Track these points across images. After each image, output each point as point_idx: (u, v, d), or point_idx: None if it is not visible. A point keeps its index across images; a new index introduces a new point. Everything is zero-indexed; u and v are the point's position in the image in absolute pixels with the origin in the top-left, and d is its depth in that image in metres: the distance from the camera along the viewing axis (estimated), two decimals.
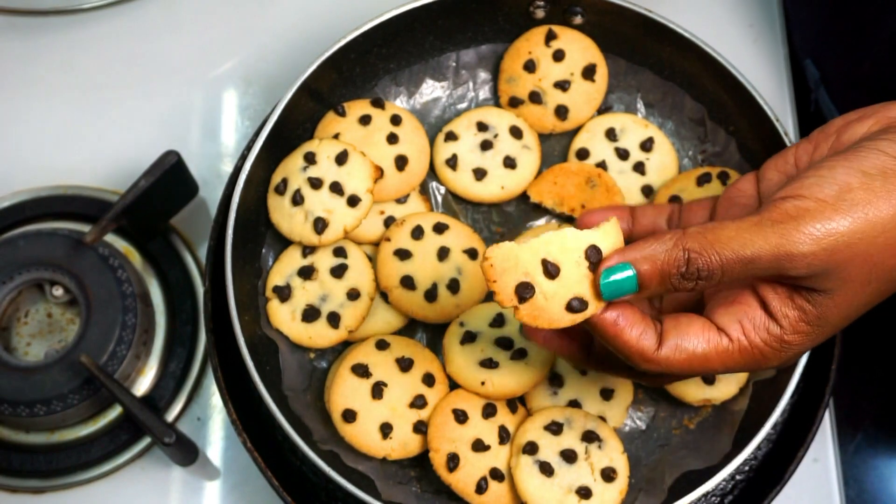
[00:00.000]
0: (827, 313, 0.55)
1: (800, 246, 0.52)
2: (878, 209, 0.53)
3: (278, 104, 0.78)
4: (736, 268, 0.53)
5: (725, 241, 0.53)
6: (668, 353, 0.56)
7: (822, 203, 0.53)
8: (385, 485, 0.75)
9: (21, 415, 0.81)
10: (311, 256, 0.79)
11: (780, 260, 0.53)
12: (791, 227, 0.53)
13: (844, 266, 0.53)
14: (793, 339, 0.55)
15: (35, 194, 0.92)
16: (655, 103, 0.85)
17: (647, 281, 0.55)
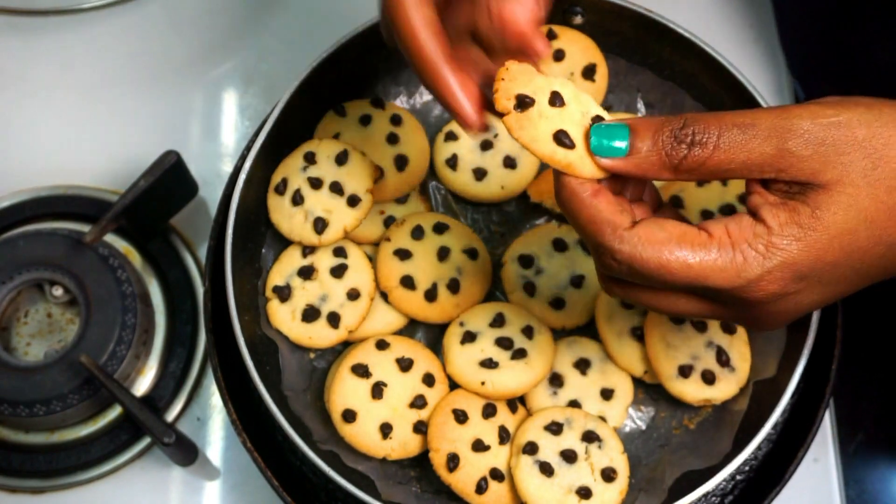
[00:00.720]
0: (822, 213, 0.50)
1: (799, 120, 0.50)
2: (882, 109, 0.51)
3: (278, 104, 0.78)
4: (732, 132, 0.50)
5: (725, 114, 0.51)
6: (639, 232, 0.51)
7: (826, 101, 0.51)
8: (385, 485, 0.75)
9: (21, 415, 0.81)
10: (311, 256, 0.79)
11: (779, 130, 0.50)
12: (793, 105, 0.51)
13: (843, 151, 0.49)
14: (779, 241, 0.50)
15: (35, 194, 0.92)
16: (655, 103, 0.85)
17: (640, 134, 0.52)
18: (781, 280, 0.51)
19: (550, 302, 0.78)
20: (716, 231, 0.51)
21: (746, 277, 0.51)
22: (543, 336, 0.76)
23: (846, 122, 0.50)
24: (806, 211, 0.50)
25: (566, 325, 0.78)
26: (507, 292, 0.79)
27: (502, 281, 0.80)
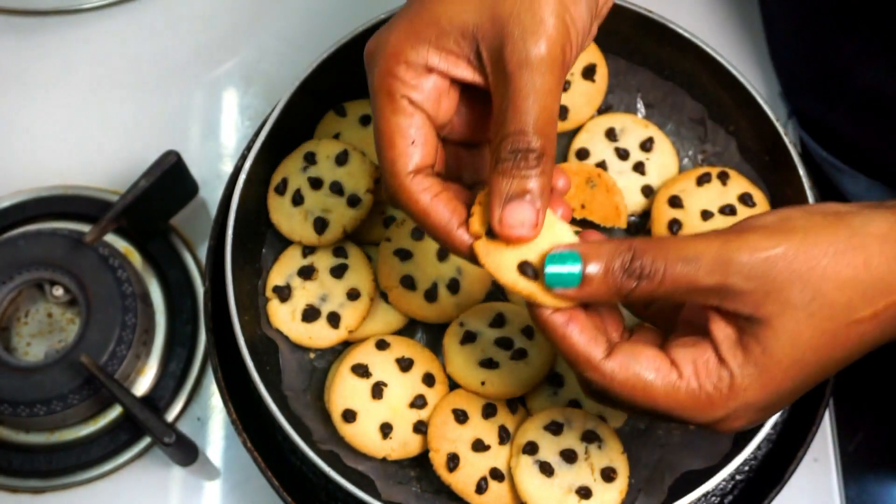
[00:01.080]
0: (771, 348, 0.53)
1: (739, 254, 0.52)
2: (818, 235, 0.53)
3: (278, 104, 0.78)
4: (677, 266, 0.53)
5: (671, 245, 0.54)
6: (613, 367, 0.55)
7: (764, 227, 0.54)
8: (385, 485, 0.75)
9: (21, 415, 0.81)
10: (311, 256, 0.79)
11: (720, 265, 0.52)
12: (733, 237, 0.53)
13: (783, 286, 0.52)
14: (741, 382, 0.54)
15: (35, 194, 0.92)
16: (655, 103, 0.85)
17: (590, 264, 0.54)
18: (744, 416, 0.55)
19: None
20: (685, 371, 0.54)
21: (712, 417, 0.55)
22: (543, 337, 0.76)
23: (783, 255, 0.52)
24: (758, 349, 0.53)
25: None
26: (508, 292, 0.79)
27: None
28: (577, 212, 0.80)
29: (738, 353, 0.54)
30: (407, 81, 0.56)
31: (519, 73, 0.54)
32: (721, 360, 0.54)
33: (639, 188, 0.82)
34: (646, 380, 0.54)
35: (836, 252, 0.53)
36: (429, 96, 0.57)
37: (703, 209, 0.79)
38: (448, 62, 0.56)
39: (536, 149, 0.54)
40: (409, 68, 0.56)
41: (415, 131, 0.56)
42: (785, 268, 0.52)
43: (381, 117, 0.57)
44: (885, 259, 0.53)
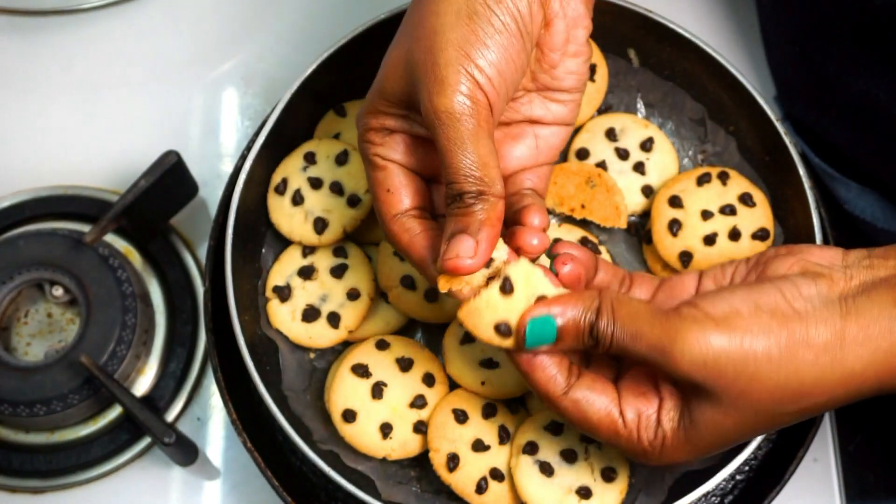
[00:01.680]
0: (699, 426, 0.59)
1: (675, 345, 0.57)
2: (755, 341, 0.57)
3: (278, 104, 0.78)
4: (620, 341, 0.58)
5: (626, 317, 0.58)
6: (567, 405, 0.61)
7: (707, 317, 0.58)
8: (385, 485, 0.75)
9: (21, 415, 0.81)
10: (311, 256, 0.79)
11: (657, 351, 0.58)
12: (675, 326, 0.58)
13: (711, 382, 0.58)
14: (671, 445, 0.60)
15: (35, 194, 0.92)
16: (655, 103, 0.85)
17: (565, 333, 0.60)
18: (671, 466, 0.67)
19: None
20: (629, 418, 0.61)
21: (644, 460, 0.62)
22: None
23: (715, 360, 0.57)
24: (687, 421, 0.60)
25: None
26: None
27: None
28: (577, 212, 0.80)
29: (675, 418, 0.60)
30: (376, 142, 0.64)
31: (435, 128, 0.59)
32: (659, 421, 0.60)
33: (639, 188, 0.82)
34: (593, 422, 0.61)
35: (770, 360, 0.57)
36: (397, 150, 0.64)
37: (703, 209, 0.79)
38: (401, 123, 0.64)
39: (471, 191, 0.59)
40: (375, 133, 0.64)
41: (389, 181, 0.64)
42: (714, 366, 0.57)
43: (366, 173, 0.65)
44: (818, 369, 0.57)
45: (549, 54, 0.66)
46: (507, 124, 0.69)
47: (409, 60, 0.61)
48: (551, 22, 0.65)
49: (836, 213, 0.88)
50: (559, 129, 0.69)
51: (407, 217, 0.64)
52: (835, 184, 0.89)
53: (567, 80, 0.67)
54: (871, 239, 0.88)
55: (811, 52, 0.86)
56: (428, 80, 0.59)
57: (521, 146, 0.69)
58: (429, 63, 0.59)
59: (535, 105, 0.68)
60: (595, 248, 0.79)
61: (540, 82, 0.67)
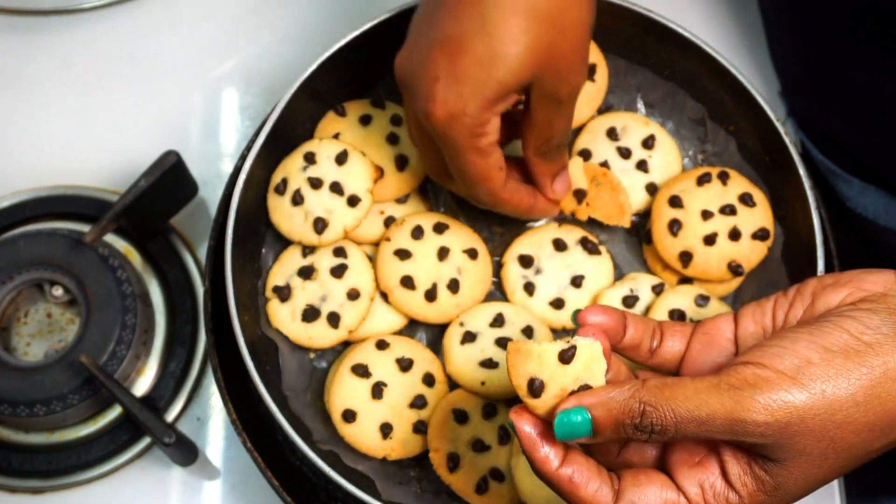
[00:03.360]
0: (784, 484, 0.55)
1: (754, 414, 0.53)
2: (836, 386, 0.53)
3: (278, 104, 0.78)
4: (690, 427, 0.54)
5: (682, 400, 0.54)
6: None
7: (780, 374, 0.53)
8: (385, 485, 0.75)
9: (21, 415, 0.81)
10: (311, 256, 0.79)
11: (734, 425, 0.53)
12: (747, 394, 0.53)
13: (799, 439, 0.53)
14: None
15: (35, 194, 0.92)
16: (655, 103, 0.85)
17: (602, 427, 0.55)
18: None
19: (550, 302, 0.78)
20: (693, 495, 0.55)
21: None
22: (543, 336, 0.76)
23: (800, 417, 0.53)
24: (770, 482, 0.55)
25: (566, 325, 0.78)
26: (507, 292, 0.79)
27: (502, 281, 0.80)
28: (581, 210, 0.80)
29: (749, 482, 0.55)
30: (488, 133, 0.68)
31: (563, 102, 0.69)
32: (729, 485, 0.55)
33: (643, 186, 0.82)
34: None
35: (856, 404, 0.53)
36: (496, 132, 0.69)
37: (703, 209, 0.79)
38: (507, 104, 0.68)
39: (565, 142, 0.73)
40: (486, 124, 0.67)
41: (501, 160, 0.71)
42: (801, 426, 0.53)
43: (471, 165, 0.69)
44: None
45: None
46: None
47: (555, 53, 0.66)
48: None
49: (837, 212, 0.88)
50: None
51: (511, 181, 0.73)
52: (837, 181, 0.89)
53: None
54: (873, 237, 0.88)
55: (816, 47, 0.85)
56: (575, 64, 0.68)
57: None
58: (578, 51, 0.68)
59: None
60: (595, 248, 0.79)
61: None
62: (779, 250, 0.80)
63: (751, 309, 0.62)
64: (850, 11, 0.80)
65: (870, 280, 0.58)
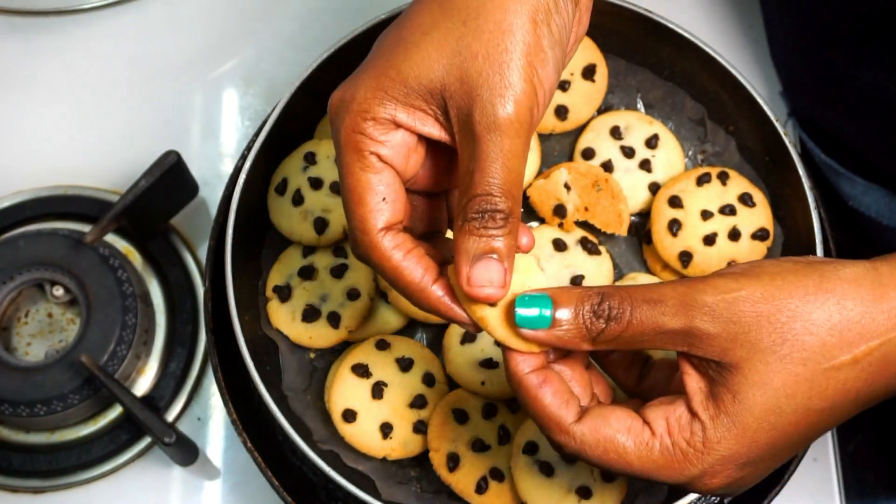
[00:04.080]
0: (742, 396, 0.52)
1: (703, 295, 0.52)
2: (785, 279, 0.52)
3: (278, 104, 0.78)
4: (643, 308, 0.53)
5: (637, 289, 0.54)
6: (584, 430, 0.54)
7: (732, 272, 0.53)
8: (385, 485, 0.75)
9: (21, 415, 0.81)
10: (311, 256, 0.79)
11: (685, 306, 0.52)
12: (699, 281, 0.53)
13: (749, 328, 0.52)
14: (714, 435, 0.53)
15: (35, 194, 0.92)
16: (655, 103, 0.85)
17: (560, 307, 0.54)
18: (723, 473, 0.54)
19: None
20: (657, 428, 0.53)
21: (689, 475, 0.54)
22: None
23: (748, 297, 0.52)
24: (728, 397, 0.52)
25: None
26: None
27: None
28: (580, 214, 0.80)
29: (710, 405, 0.53)
30: (375, 137, 0.56)
31: (487, 136, 0.53)
32: (693, 414, 0.54)
33: (646, 185, 0.82)
34: (617, 442, 0.54)
35: (806, 294, 0.52)
36: (397, 152, 0.56)
37: (702, 209, 0.79)
38: (416, 119, 0.56)
39: (503, 210, 0.54)
40: (377, 124, 0.56)
41: (385, 188, 0.56)
42: (750, 309, 0.52)
43: (349, 174, 0.56)
44: (859, 301, 0.52)
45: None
46: None
47: (462, 52, 0.54)
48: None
49: (838, 212, 0.88)
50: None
51: (396, 232, 0.56)
52: (839, 180, 0.89)
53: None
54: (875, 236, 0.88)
55: (818, 46, 0.85)
56: (493, 81, 0.53)
57: None
58: (496, 63, 0.53)
59: None
60: (595, 248, 0.79)
61: None
62: (778, 250, 0.80)
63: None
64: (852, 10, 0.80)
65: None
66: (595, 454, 0.54)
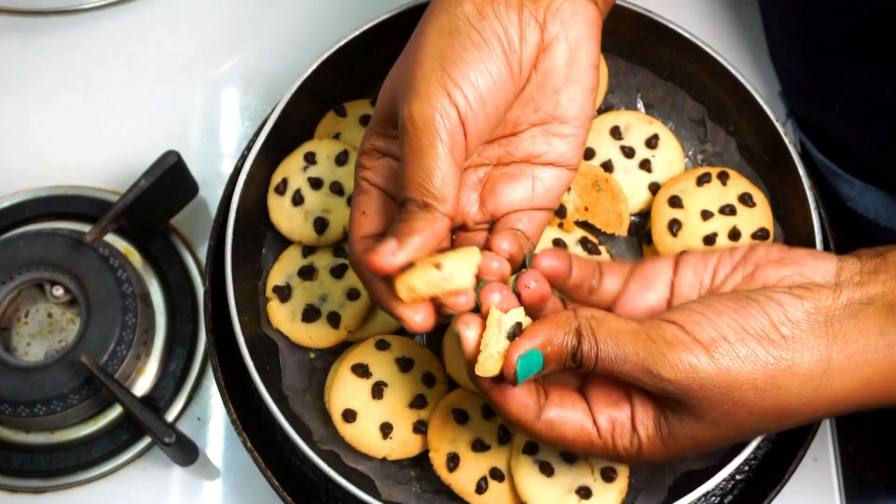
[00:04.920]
0: (676, 435, 0.60)
1: (661, 369, 0.57)
2: (741, 368, 0.57)
3: (278, 104, 0.78)
4: (606, 363, 0.58)
5: (604, 336, 0.58)
6: (541, 429, 0.61)
7: (695, 342, 0.58)
8: (385, 485, 0.75)
9: (21, 415, 0.81)
10: (311, 256, 0.79)
11: (642, 373, 0.57)
12: (661, 349, 0.57)
13: (696, 403, 0.58)
14: (647, 451, 0.60)
15: (35, 194, 0.92)
16: (655, 103, 0.85)
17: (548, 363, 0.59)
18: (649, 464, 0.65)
19: None
20: (604, 431, 0.61)
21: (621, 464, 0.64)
22: None
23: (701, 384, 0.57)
24: (665, 431, 0.60)
25: None
26: None
27: None
28: (580, 214, 0.80)
29: (650, 426, 0.60)
30: (366, 166, 0.65)
31: (402, 137, 0.60)
32: (633, 426, 0.60)
33: (646, 185, 0.82)
34: (568, 438, 0.61)
35: (755, 388, 0.57)
36: (382, 174, 0.64)
37: (702, 209, 0.79)
38: (388, 144, 0.64)
39: (416, 200, 0.59)
40: (368, 156, 0.65)
41: (366, 204, 0.64)
42: (700, 390, 0.57)
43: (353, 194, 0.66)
44: (802, 398, 0.58)
45: (551, 78, 0.64)
46: (505, 164, 0.67)
47: (396, 78, 0.62)
48: (550, 45, 0.63)
49: (837, 212, 0.88)
50: (560, 173, 0.67)
51: (374, 240, 0.63)
52: (838, 181, 0.89)
53: (570, 110, 0.65)
54: (873, 237, 0.88)
55: (816, 48, 0.85)
56: (406, 90, 0.60)
57: (518, 187, 0.67)
58: (409, 75, 0.60)
59: (538, 140, 0.66)
60: (595, 248, 0.79)
61: (543, 111, 0.65)
62: None
63: (694, 260, 0.65)
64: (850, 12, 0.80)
65: (812, 266, 0.61)
66: (550, 443, 0.62)
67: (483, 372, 0.58)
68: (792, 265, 0.61)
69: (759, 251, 0.63)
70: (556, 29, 0.63)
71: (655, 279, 0.65)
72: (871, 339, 0.58)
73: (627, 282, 0.65)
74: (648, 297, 0.65)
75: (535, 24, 0.62)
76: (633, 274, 0.65)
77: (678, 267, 0.65)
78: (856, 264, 0.61)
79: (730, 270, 0.63)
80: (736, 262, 0.63)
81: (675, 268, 0.65)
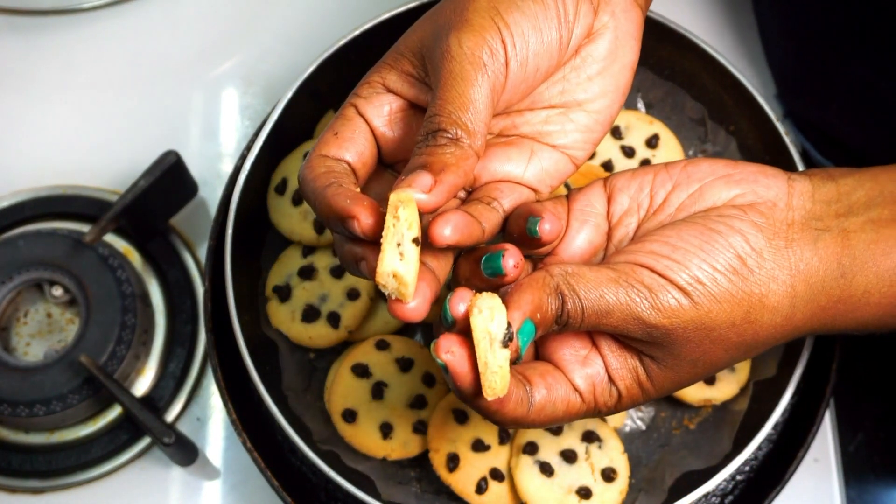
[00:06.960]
0: (655, 380, 0.59)
1: (646, 314, 0.56)
2: (721, 310, 0.57)
3: (278, 104, 0.78)
4: (592, 318, 0.56)
5: (585, 291, 0.56)
6: (535, 417, 0.59)
7: (674, 286, 0.57)
8: (385, 485, 0.75)
9: (21, 415, 0.81)
10: (311, 256, 0.79)
11: (630, 321, 0.56)
12: (644, 295, 0.56)
13: (678, 345, 0.57)
14: (626, 400, 0.60)
15: (35, 194, 0.92)
16: (655, 103, 0.85)
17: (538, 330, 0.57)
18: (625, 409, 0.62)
19: None
20: (587, 395, 0.59)
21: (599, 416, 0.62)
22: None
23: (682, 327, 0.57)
24: (643, 378, 0.59)
25: None
26: None
27: None
28: None
29: (626, 377, 0.59)
30: (361, 95, 0.59)
31: (441, 63, 0.56)
32: (611, 380, 0.59)
33: None
34: (559, 416, 0.59)
35: (732, 325, 0.57)
36: (380, 110, 0.59)
37: None
38: (403, 82, 0.59)
39: (450, 131, 0.54)
40: (368, 87, 0.59)
41: (343, 129, 0.58)
42: (682, 332, 0.57)
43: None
44: (773, 329, 0.58)
45: (589, 64, 0.62)
46: (506, 136, 0.64)
47: (438, 19, 0.58)
48: (597, 32, 0.61)
49: None
50: (562, 161, 0.63)
51: (337, 163, 0.57)
52: None
53: (598, 102, 0.62)
54: None
55: (811, 46, 0.85)
56: (454, 22, 0.57)
57: (514, 157, 0.63)
58: (459, 10, 0.57)
59: (552, 120, 0.63)
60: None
61: (569, 95, 0.63)
62: None
63: (624, 182, 0.62)
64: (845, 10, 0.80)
65: (764, 183, 0.60)
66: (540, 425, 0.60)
67: (494, 394, 0.54)
68: (743, 183, 0.60)
69: (703, 166, 0.61)
70: (606, 18, 0.61)
71: (592, 212, 0.62)
72: (830, 268, 0.58)
73: (569, 221, 0.62)
74: (591, 234, 0.62)
75: (589, 6, 0.60)
76: (572, 211, 0.62)
77: (611, 194, 0.62)
78: (807, 185, 0.60)
79: (670, 189, 0.61)
80: (676, 179, 0.61)
81: (609, 195, 0.62)
